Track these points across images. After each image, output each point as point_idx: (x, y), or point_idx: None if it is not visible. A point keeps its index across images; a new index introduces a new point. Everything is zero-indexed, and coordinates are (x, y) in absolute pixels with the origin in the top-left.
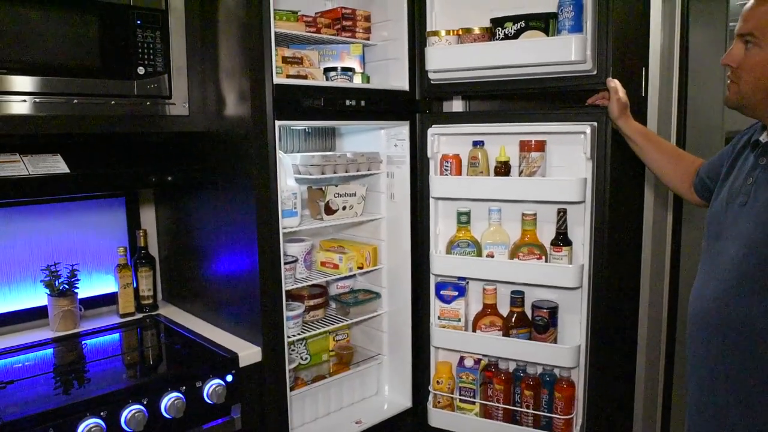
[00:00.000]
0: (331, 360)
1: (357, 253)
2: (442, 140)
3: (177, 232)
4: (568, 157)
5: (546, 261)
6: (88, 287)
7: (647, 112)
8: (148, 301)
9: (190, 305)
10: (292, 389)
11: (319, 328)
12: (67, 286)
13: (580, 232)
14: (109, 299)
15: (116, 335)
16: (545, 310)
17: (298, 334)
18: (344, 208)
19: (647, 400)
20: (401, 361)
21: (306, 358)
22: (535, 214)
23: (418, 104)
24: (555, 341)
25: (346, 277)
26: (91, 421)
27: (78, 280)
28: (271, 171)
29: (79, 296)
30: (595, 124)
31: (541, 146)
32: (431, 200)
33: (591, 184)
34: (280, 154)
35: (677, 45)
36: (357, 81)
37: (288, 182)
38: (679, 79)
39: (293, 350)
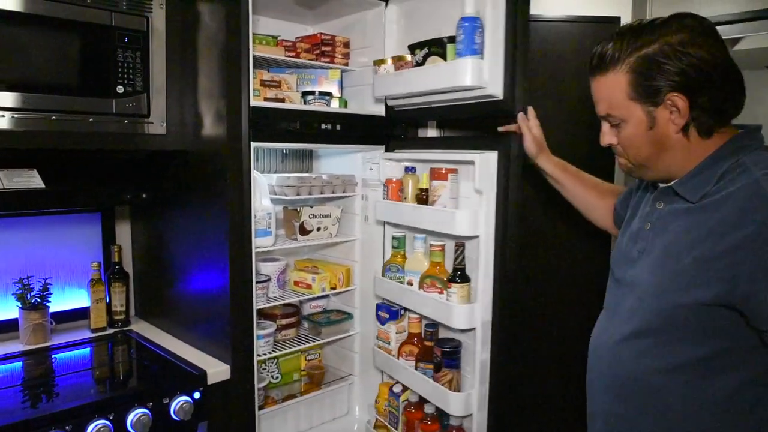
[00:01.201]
0: (302, 379)
1: (330, 274)
2: (392, 165)
3: (151, 248)
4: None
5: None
6: (61, 301)
7: None
8: (120, 316)
9: (162, 321)
10: (261, 408)
11: (290, 347)
12: (39, 300)
13: (480, 269)
14: (81, 314)
15: (87, 350)
16: (441, 349)
17: (270, 352)
18: (319, 229)
19: None
20: (372, 381)
21: (277, 377)
22: (442, 245)
23: (391, 129)
24: (451, 383)
25: (318, 297)
26: None
27: (50, 293)
28: (245, 191)
29: (51, 310)
30: (495, 153)
31: (442, 175)
32: (377, 224)
33: (493, 218)
34: (255, 174)
35: None
36: (334, 105)
37: (263, 202)
38: None
39: (264, 369)
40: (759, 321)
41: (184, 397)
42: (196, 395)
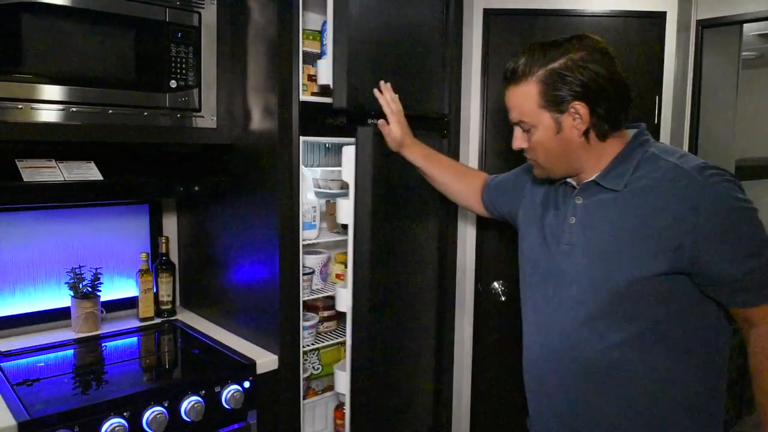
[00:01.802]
0: None
1: None
2: None
3: (197, 240)
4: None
5: None
6: (110, 290)
7: (659, 139)
8: (167, 306)
9: (207, 312)
10: (304, 398)
11: (331, 339)
12: (90, 289)
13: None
14: (129, 303)
15: (136, 339)
16: None
17: (312, 344)
18: None
19: None
20: None
21: (318, 368)
22: None
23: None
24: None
25: None
26: (115, 421)
27: (101, 283)
28: (294, 184)
29: (101, 299)
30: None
31: None
32: None
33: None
34: (301, 168)
35: (690, 73)
36: None
37: (308, 196)
38: (692, 107)
39: (306, 360)
40: (707, 281)
41: (235, 386)
42: (246, 384)
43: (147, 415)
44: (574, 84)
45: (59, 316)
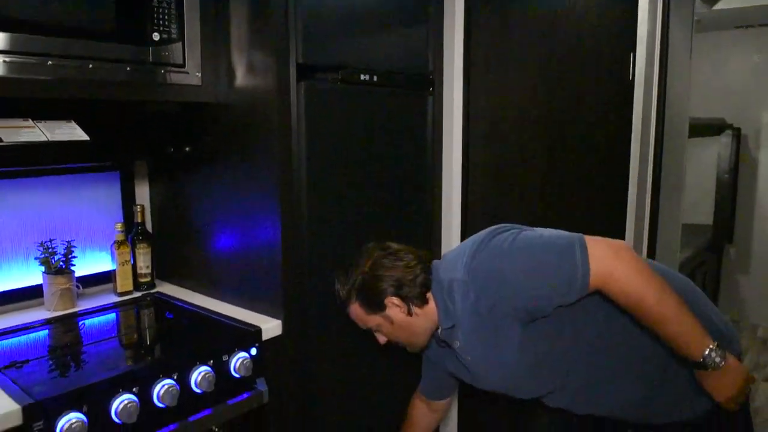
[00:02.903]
0: None
1: None
2: None
3: (174, 208)
4: None
5: None
6: (82, 266)
7: (633, 95)
8: (145, 279)
9: (189, 283)
10: None
11: None
12: (63, 264)
13: None
14: (103, 278)
15: (120, 314)
16: None
17: None
18: None
19: None
20: None
21: None
22: None
23: None
24: None
25: None
26: (126, 398)
27: (75, 257)
28: (293, 141)
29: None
30: None
31: None
32: None
33: None
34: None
35: (659, 32)
36: None
37: None
38: (660, 65)
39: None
40: (545, 309)
41: (243, 354)
42: (253, 352)
43: (157, 389)
44: (379, 290)
45: (29, 295)
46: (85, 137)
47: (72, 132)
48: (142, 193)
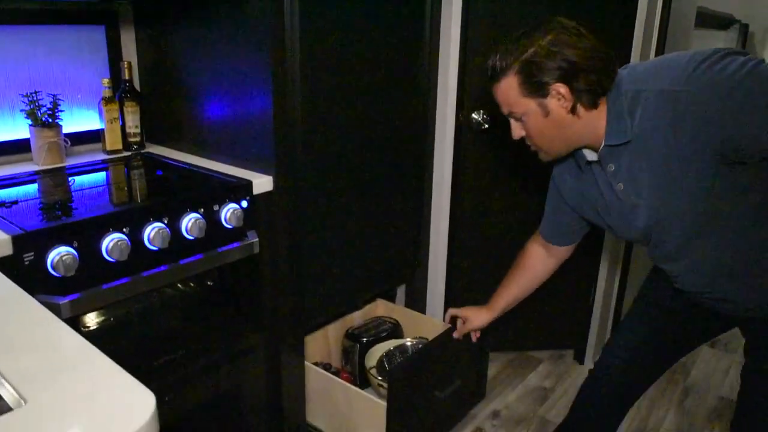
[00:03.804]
0: None
1: None
2: None
3: (163, 65)
4: None
5: None
6: (70, 123)
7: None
8: (135, 138)
9: (179, 145)
10: None
11: None
12: (50, 118)
13: None
14: (93, 136)
15: (111, 169)
16: None
17: None
18: None
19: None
20: None
21: None
22: None
23: None
24: None
25: None
26: (116, 236)
27: (61, 110)
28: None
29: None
30: None
31: None
32: None
33: None
34: None
35: (658, 14)
36: None
37: None
38: (657, 45)
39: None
40: (747, 145)
41: (234, 205)
42: (244, 204)
43: (148, 231)
44: (549, 68)
45: (16, 149)
46: None
47: None
48: (129, 51)
